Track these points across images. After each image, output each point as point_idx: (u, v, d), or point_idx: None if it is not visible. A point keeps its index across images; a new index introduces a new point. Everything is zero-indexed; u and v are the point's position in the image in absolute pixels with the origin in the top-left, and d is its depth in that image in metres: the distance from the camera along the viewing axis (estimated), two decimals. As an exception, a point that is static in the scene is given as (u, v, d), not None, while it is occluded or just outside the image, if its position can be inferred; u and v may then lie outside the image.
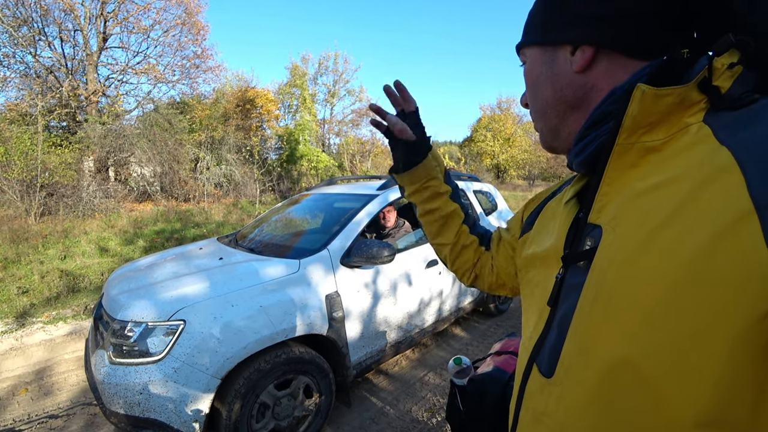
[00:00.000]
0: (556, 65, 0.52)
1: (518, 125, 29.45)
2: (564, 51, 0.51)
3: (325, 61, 18.47)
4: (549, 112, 0.55)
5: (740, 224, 0.33)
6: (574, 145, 0.52)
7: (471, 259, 0.87)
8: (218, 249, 2.79)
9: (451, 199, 0.87)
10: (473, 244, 0.87)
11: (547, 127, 0.57)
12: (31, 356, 3.36)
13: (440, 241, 0.89)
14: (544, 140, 0.59)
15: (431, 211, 0.86)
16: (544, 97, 0.54)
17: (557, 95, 0.52)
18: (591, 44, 0.48)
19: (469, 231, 0.87)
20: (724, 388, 0.34)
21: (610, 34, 0.46)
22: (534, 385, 0.52)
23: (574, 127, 0.53)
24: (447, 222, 0.87)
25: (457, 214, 0.87)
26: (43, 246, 6.25)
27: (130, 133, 10.75)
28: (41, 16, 10.81)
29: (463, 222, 0.87)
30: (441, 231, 0.88)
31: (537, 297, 0.57)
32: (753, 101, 0.38)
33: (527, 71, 0.57)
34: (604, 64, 0.48)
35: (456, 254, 0.88)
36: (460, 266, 0.89)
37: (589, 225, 0.48)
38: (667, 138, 0.42)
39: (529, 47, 0.56)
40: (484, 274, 0.86)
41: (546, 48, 0.53)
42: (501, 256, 0.83)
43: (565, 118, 0.53)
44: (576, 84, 0.50)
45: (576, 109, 0.52)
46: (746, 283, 0.32)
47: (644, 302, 0.38)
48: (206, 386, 1.78)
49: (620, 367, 0.40)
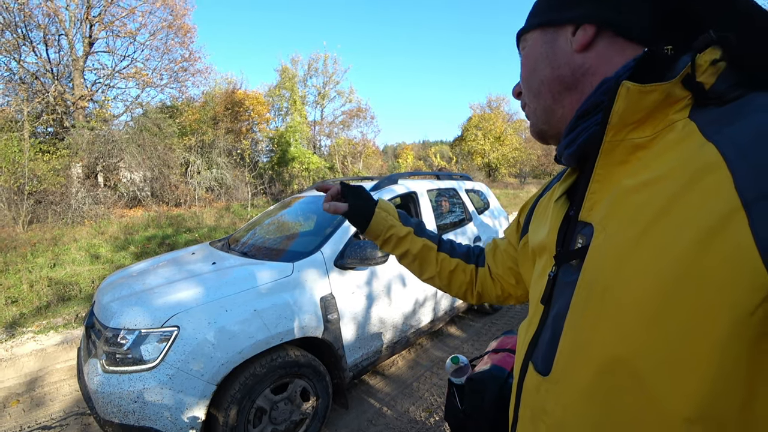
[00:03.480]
0: (556, 45, 0.52)
1: (508, 123, 29.62)
2: (565, 32, 0.51)
3: (315, 63, 18.47)
4: (544, 92, 0.55)
5: (728, 221, 0.33)
6: (564, 136, 0.52)
7: (464, 280, 0.89)
8: (211, 253, 2.77)
9: (416, 236, 0.90)
10: (459, 266, 0.89)
11: (540, 107, 0.56)
12: (22, 367, 3.31)
13: (427, 276, 0.92)
14: (535, 123, 0.59)
15: (404, 254, 0.90)
16: (542, 75, 0.54)
17: (555, 73, 0.53)
18: (593, 22, 0.48)
19: (450, 256, 0.90)
20: (715, 383, 0.34)
21: (613, 12, 0.47)
22: (531, 383, 0.53)
23: (567, 109, 0.53)
24: (422, 257, 0.90)
25: (427, 247, 0.90)
26: (31, 254, 6.16)
27: (118, 138, 10.63)
28: (24, 20, 10.64)
29: (439, 250, 0.90)
30: (422, 267, 0.91)
31: (533, 294, 0.58)
32: (737, 97, 0.39)
33: (526, 54, 0.57)
34: (603, 44, 0.48)
35: (447, 281, 0.90)
36: (458, 290, 0.91)
37: (580, 223, 0.49)
38: (654, 134, 0.42)
39: (530, 32, 0.57)
40: (487, 289, 0.88)
41: (547, 30, 0.54)
42: (499, 266, 0.84)
43: (559, 99, 0.53)
44: (574, 64, 0.51)
45: (571, 90, 0.52)
46: (736, 279, 0.32)
47: (636, 300, 0.39)
48: (202, 392, 1.76)
49: (614, 364, 0.40)
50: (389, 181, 3.20)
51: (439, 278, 0.90)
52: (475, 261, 0.89)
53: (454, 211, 3.87)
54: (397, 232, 0.89)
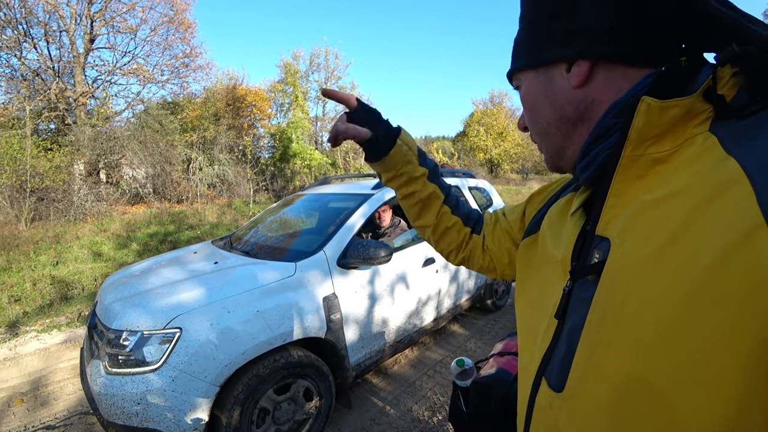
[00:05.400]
0: (553, 84, 0.51)
1: (510, 119, 29.51)
2: (559, 69, 0.49)
3: (316, 58, 18.35)
4: (552, 132, 0.54)
5: (750, 238, 0.32)
6: (578, 162, 0.51)
7: (455, 240, 0.86)
8: (213, 252, 2.76)
9: (429, 180, 0.84)
10: (456, 225, 0.85)
11: (552, 147, 0.55)
12: (25, 366, 3.32)
13: (421, 223, 0.87)
14: (550, 161, 0.58)
15: (409, 194, 0.84)
16: (545, 117, 0.53)
17: (558, 113, 0.51)
18: (586, 58, 0.47)
19: (451, 212, 0.85)
20: (737, 405, 0.33)
21: (606, 45, 0.45)
22: (544, 398, 0.52)
23: (578, 143, 0.52)
24: (426, 204, 0.85)
25: (436, 195, 0.84)
26: (34, 252, 6.18)
27: (120, 134, 10.64)
28: (25, 17, 10.63)
29: (444, 203, 0.85)
30: (421, 213, 0.86)
31: (545, 305, 0.56)
32: (759, 110, 0.38)
33: (524, 95, 0.56)
34: (602, 75, 0.47)
35: (439, 235, 0.86)
36: (445, 247, 0.88)
37: (597, 237, 0.47)
38: (674, 149, 0.41)
39: (521, 72, 0.55)
40: (475, 257, 0.85)
41: (539, 70, 0.52)
42: (495, 242, 0.81)
43: (569, 136, 0.52)
44: (575, 99, 0.49)
45: (579, 124, 0.50)
46: (758, 299, 0.31)
47: (655, 318, 0.37)
48: (205, 394, 1.76)
49: (632, 382, 0.39)
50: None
51: (432, 230, 0.86)
52: (472, 226, 0.86)
53: (456, 209, 3.85)
54: (412, 171, 0.81)
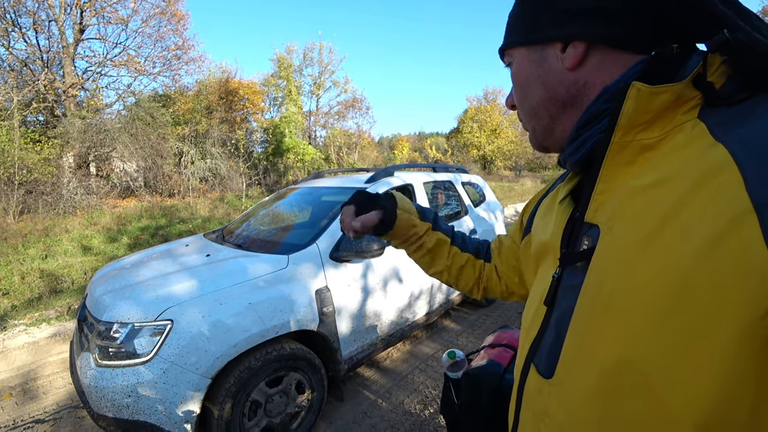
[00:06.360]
0: (546, 63, 0.51)
1: (504, 116, 29.56)
2: (554, 49, 0.49)
3: (310, 52, 18.25)
4: (541, 112, 0.54)
5: (739, 224, 0.32)
6: (567, 145, 0.51)
7: (472, 275, 0.87)
8: (205, 245, 2.74)
9: (434, 230, 0.87)
10: (469, 261, 0.87)
11: (539, 127, 0.55)
12: (14, 360, 3.28)
13: (435, 270, 0.89)
14: (535, 140, 0.58)
15: (418, 248, 0.87)
16: (536, 97, 0.53)
17: (549, 94, 0.51)
18: (583, 39, 0.47)
19: (461, 251, 0.87)
20: (725, 388, 0.33)
21: (603, 27, 0.45)
22: (533, 385, 0.52)
23: (567, 125, 0.52)
24: (436, 251, 0.87)
25: (443, 240, 0.87)
26: (23, 246, 6.09)
27: (111, 127, 10.48)
28: (13, 6, 10.40)
29: (452, 244, 0.87)
30: (433, 261, 0.88)
31: (537, 292, 0.57)
32: (747, 97, 0.38)
33: (515, 73, 0.56)
34: (596, 58, 0.47)
35: (455, 275, 0.88)
36: (465, 285, 0.89)
37: (586, 224, 0.48)
38: (663, 135, 0.41)
39: (514, 48, 0.55)
40: (492, 285, 0.86)
41: (533, 47, 0.52)
42: (504, 264, 0.82)
43: (558, 117, 0.52)
44: (568, 81, 0.49)
45: (569, 106, 0.51)
46: (746, 283, 0.32)
47: (644, 303, 0.38)
48: (196, 386, 1.75)
49: (621, 367, 0.39)
50: (385, 174, 3.18)
51: (448, 272, 0.87)
52: (484, 256, 0.87)
53: (449, 204, 3.86)
54: (419, 230, 0.85)
